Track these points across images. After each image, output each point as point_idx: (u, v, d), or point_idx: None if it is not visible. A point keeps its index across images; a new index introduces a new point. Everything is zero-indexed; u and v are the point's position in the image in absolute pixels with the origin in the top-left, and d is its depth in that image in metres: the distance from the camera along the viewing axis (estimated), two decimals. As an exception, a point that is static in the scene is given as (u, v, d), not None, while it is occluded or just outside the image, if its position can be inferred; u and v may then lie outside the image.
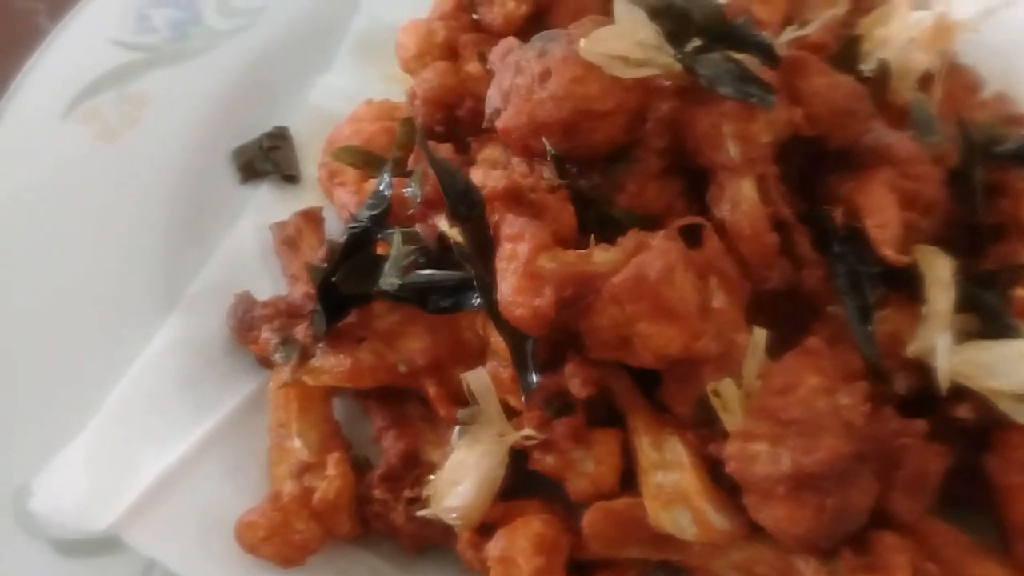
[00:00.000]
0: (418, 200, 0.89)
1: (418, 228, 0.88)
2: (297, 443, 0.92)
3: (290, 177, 1.20)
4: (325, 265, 0.90)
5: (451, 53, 1.07)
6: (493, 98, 0.88)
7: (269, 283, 1.10)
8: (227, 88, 1.23)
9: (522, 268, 0.71)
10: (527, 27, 1.05)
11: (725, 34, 0.90)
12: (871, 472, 0.74)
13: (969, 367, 0.81)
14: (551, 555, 0.79)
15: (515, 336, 0.75)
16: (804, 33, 1.08)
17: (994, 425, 0.82)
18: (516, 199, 0.78)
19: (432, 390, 0.89)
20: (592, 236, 0.77)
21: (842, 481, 0.71)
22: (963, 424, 0.82)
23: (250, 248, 1.13)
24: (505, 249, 0.73)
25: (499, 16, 1.04)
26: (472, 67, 1.05)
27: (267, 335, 0.95)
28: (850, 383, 0.73)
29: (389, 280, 0.81)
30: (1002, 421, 0.81)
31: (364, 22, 1.33)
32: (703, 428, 0.79)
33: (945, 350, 0.81)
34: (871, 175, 0.86)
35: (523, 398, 0.79)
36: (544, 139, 0.84)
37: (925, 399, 0.84)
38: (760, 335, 0.77)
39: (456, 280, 0.81)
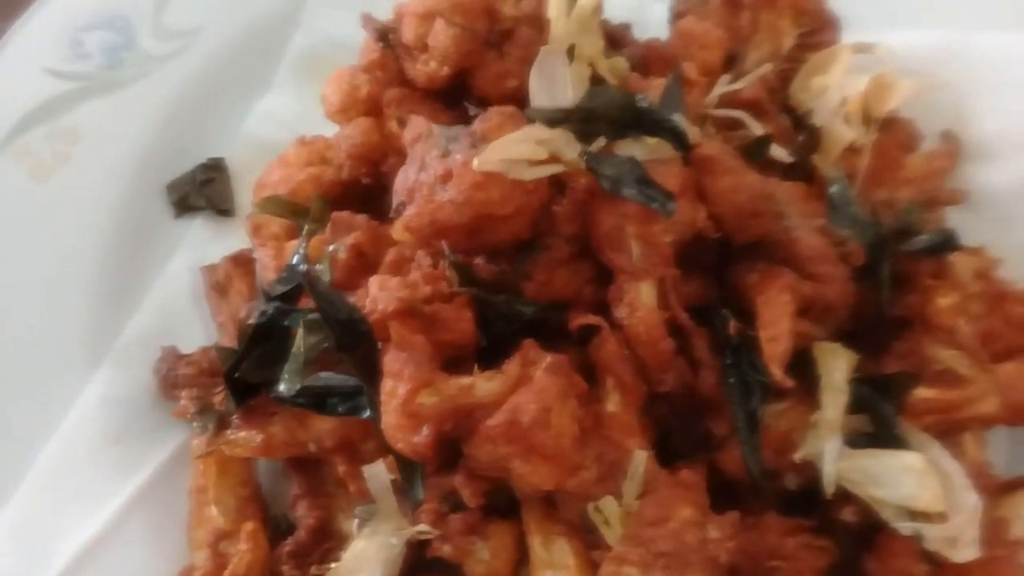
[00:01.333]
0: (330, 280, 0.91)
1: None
2: (214, 510, 0.96)
3: (224, 211, 1.20)
4: (235, 346, 0.92)
5: (375, 108, 1.06)
6: (399, 189, 0.88)
7: (201, 328, 1.12)
8: (162, 117, 1.22)
9: (400, 407, 0.72)
10: (451, 86, 1.04)
11: (637, 121, 0.89)
12: (742, 588, 0.78)
13: (855, 474, 0.84)
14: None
15: (401, 457, 0.78)
16: (736, 88, 1.08)
17: (877, 528, 0.85)
18: (410, 316, 0.79)
19: (342, 468, 0.92)
20: (475, 365, 0.78)
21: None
22: (847, 525, 0.85)
23: (183, 290, 1.14)
24: (387, 384, 0.75)
25: (422, 74, 1.03)
26: (395, 126, 1.04)
27: (185, 403, 0.98)
28: (722, 515, 0.76)
29: (286, 386, 0.83)
30: (885, 525, 0.84)
31: (306, 38, 1.31)
32: (590, 534, 0.82)
33: (833, 456, 0.84)
34: (772, 277, 0.86)
35: (410, 511, 0.82)
36: (444, 244, 0.84)
37: (813, 495, 0.87)
38: (640, 457, 0.79)
39: (355, 385, 0.83)
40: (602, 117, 0.86)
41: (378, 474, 0.84)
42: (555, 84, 0.94)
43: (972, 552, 0.79)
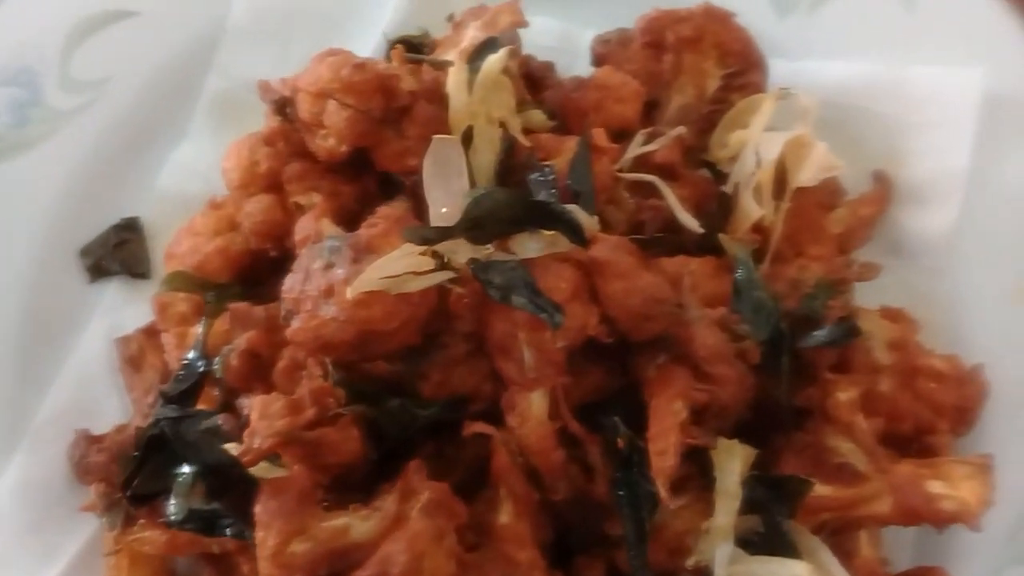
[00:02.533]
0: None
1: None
2: (125, 609, 0.97)
3: (140, 275, 1.18)
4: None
5: (276, 183, 1.03)
6: (287, 297, 0.85)
7: (119, 401, 1.11)
8: (73, 176, 1.18)
9: (271, 558, 0.72)
10: (352, 161, 1.00)
11: (531, 216, 0.86)
12: None
13: (746, 580, 0.84)
14: None
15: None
16: (649, 150, 1.04)
17: (769, 633, 0.85)
18: (292, 444, 0.78)
19: (246, 567, 0.92)
20: (349, 506, 0.77)
21: None
22: (741, 627, 0.86)
23: (99, 362, 1.12)
24: (258, 534, 0.74)
25: (321, 149, 0.99)
26: (300, 200, 1.01)
27: (95, 497, 0.98)
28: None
29: (173, 511, 0.83)
30: (778, 632, 0.84)
31: (220, 81, 1.26)
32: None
33: (723, 562, 0.83)
34: (665, 381, 0.85)
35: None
36: (328, 361, 0.83)
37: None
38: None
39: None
40: (490, 222, 0.84)
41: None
42: (450, 172, 0.92)
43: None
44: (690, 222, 0.99)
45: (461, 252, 0.84)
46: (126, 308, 1.15)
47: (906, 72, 1.16)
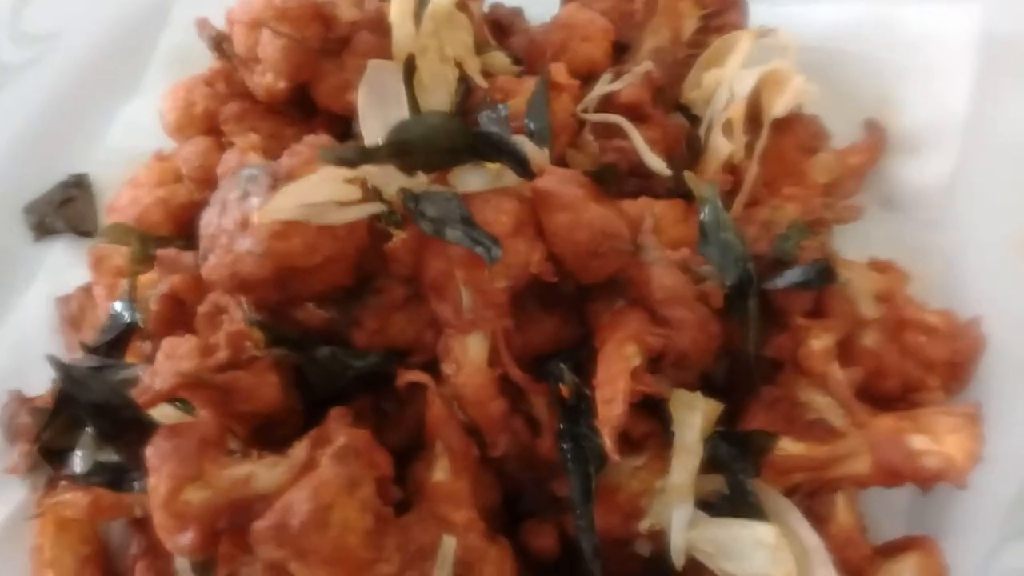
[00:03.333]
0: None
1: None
2: (50, 573, 0.90)
3: (86, 233, 1.12)
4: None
5: (214, 124, 0.96)
6: (203, 234, 0.79)
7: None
8: (21, 132, 1.13)
9: (163, 507, 0.65)
10: (292, 99, 0.94)
11: (472, 147, 0.79)
12: None
13: (706, 544, 0.75)
14: None
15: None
16: (615, 88, 0.97)
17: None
18: (198, 388, 0.71)
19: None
20: (255, 451, 0.70)
21: None
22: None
23: (41, 322, 1.06)
24: (150, 480, 0.67)
25: (259, 87, 0.93)
26: (240, 142, 0.95)
27: (19, 460, 0.92)
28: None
29: (79, 463, 0.76)
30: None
31: (174, 36, 1.20)
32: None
33: (681, 525, 0.75)
34: (617, 325, 0.77)
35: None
36: (244, 300, 0.76)
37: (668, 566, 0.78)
38: (449, 544, 0.71)
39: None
40: (424, 150, 0.76)
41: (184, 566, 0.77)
42: (387, 100, 0.85)
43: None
44: (657, 164, 0.91)
45: (391, 182, 0.77)
46: (72, 270, 1.09)
47: (897, 12, 1.07)
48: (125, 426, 0.71)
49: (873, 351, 0.85)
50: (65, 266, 1.10)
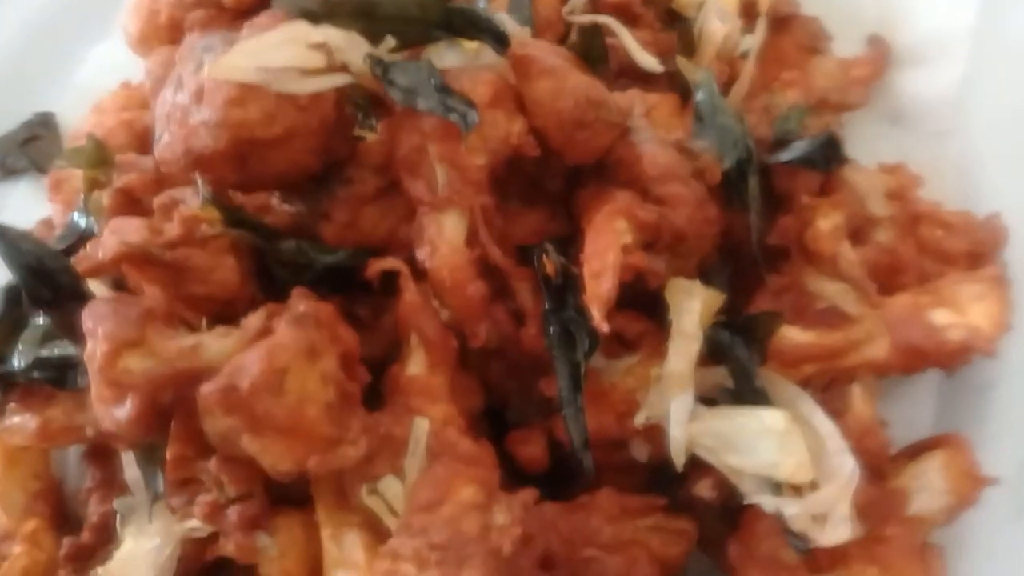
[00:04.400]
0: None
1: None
2: (-2, 509, 0.83)
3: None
4: None
5: (178, 35, 0.91)
6: (158, 116, 0.73)
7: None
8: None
9: (99, 374, 0.58)
10: (259, 5, 0.89)
11: (449, 21, 0.74)
12: (558, 585, 0.63)
13: (709, 438, 0.67)
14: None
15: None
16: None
17: (740, 505, 0.69)
18: (145, 264, 0.65)
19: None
20: (204, 321, 0.63)
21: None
22: (705, 503, 0.69)
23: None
24: (87, 346, 0.60)
25: (226, -7, 0.88)
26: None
27: (-36, 385, 0.85)
28: (514, 493, 0.60)
29: (19, 358, 0.69)
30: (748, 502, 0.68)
31: (150, -23, 1.17)
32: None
33: (681, 417, 0.68)
34: (603, 201, 0.70)
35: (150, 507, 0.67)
36: (199, 176, 0.70)
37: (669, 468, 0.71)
38: (421, 426, 0.64)
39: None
40: (392, 16, 0.71)
41: (133, 467, 0.70)
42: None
43: (843, 532, 0.62)
44: (647, 61, 0.85)
45: (357, 49, 0.71)
46: (36, 205, 1.04)
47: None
48: (61, 292, 0.64)
49: (888, 247, 0.78)
50: (29, 207, 1.05)
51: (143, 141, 0.95)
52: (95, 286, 0.69)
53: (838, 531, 0.62)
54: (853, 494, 0.64)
